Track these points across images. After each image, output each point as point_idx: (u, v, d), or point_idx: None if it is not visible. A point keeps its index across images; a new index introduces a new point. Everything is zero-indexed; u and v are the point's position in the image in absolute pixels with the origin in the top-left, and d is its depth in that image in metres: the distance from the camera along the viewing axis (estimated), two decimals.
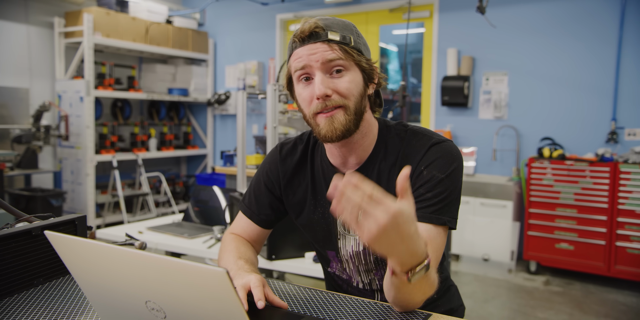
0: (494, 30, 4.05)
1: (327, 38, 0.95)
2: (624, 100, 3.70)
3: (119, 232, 2.29)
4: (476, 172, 4.30)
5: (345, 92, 0.96)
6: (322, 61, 0.94)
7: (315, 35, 0.95)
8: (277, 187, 1.16)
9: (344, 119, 0.97)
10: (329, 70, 0.96)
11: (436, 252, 0.95)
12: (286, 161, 1.15)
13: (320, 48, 0.95)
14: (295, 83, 1.01)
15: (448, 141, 1.04)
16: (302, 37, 0.96)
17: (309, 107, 0.98)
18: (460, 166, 1.01)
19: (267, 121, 2.50)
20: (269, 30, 5.44)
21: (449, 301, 1.18)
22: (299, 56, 0.96)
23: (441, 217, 0.96)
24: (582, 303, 3.16)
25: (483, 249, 3.84)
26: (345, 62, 0.96)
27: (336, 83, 0.96)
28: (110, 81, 4.88)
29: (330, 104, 0.96)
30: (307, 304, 0.96)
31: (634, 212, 3.31)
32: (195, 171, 6.13)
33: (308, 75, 0.97)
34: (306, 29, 0.95)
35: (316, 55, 0.95)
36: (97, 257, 0.70)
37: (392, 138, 1.06)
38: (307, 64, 0.95)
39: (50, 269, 1.06)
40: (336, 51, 0.95)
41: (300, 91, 0.99)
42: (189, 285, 0.62)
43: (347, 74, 0.97)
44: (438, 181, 0.98)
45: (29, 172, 4.41)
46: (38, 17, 4.72)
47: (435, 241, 0.95)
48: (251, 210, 1.18)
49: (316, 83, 0.95)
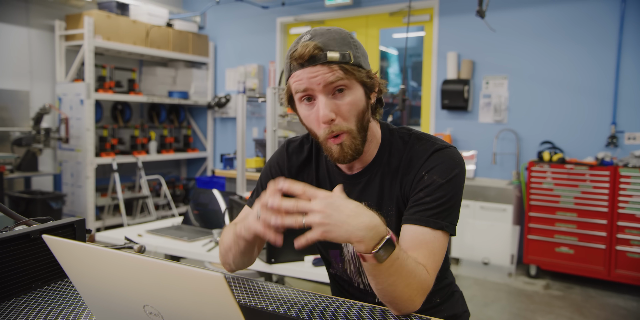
0: (493, 34, 4.06)
1: (326, 60, 0.93)
2: (623, 104, 3.70)
3: (119, 235, 2.29)
4: (476, 175, 4.30)
5: (347, 115, 0.97)
6: (323, 84, 0.94)
7: (313, 59, 0.94)
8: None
9: (351, 143, 0.98)
10: (331, 91, 0.96)
11: (433, 256, 0.94)
12: (292, 158, 1.17)
13: (321, 71, 0.94)
14: (297, 103, 1.01)
15: (451, 147, 1.04)
16: (301, 61, 0.95)
17: (319, 130, 0.99)
18: (462, 173, 1.01)
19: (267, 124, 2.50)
20: (270, 34, 5.45)
21: (452, 306, 1.17)
22: (299, 79, 0.96)
23: (439, 221, 0.96)
24: (582, 307, 3.15)
25: (483, 252, 3.84)
26: (346, 82, 0.96)
27: (339, 105, 0.96)
28: (111, 84, 4.89)
29: (336, 129, 0.97)
30: (306, 309, 0.96)
31: (634, 216, 3.31)
32: (195, 174, 6.13)
33: (310, 96, 0.97)
34: (304, 54, 0.93)
35: (317, 78, 0.94)
36: (95, 261, 0.70)
37: (396, 142, 1.07)
38: (308, 87, 0.95)
39: (48, 272, 1.06)
40: (337, 72, 0.94)
41: (306, 113, 1.00)
42: (187, 289, 0.62)
43: (348, 93, 0.97)
44: (438, 186, 0.98)
45: (28, 175, 4.42)
46: (39, 20, 4.73)
47: (431, 245, 0.95)
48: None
49: (320, 108, 0.95)
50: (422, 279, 0.89)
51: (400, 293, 0.88)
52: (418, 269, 0.89)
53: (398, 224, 1.03)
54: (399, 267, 0.84)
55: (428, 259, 0.94)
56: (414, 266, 0.88)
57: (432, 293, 1.13)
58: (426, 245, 0.95)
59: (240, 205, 2.09)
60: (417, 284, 0.88)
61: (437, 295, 1.14)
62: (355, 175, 1.08)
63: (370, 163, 1.07)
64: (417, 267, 0.89)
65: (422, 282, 0.89)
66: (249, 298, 1.02)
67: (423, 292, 0.91)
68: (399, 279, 0.86)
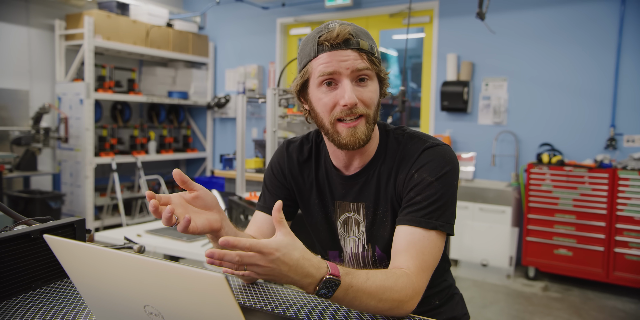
0: (493, 36, 4.07)
1: (358, 46, 0.95)
2: (622, 106, 3.71)
3: (118, 235, 2.29)
4: (475, 177, 4.31)
5: (369, 102, 0.98)
6: (352, 69, 0.95)
7: (347, 42, 0.95)
8: (286, 179, 1.17)
9: (365, 129, 0.99)
10: (355, 78, 0.97)
11: (421, 256, 0.93)
12: (292, 158, 1.17)
13: (352, 56, 0.95)
14: (314, 87, 1.00)
15: (443, 145, 1.04)
16: (335, 43, 0.95)
17: (330, 113, 0.98)
18: (453, 170, 1.01)
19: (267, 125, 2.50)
20: (270, 34, 5.46)
21: (452, 309, 1.17)
22: (327, 61, 0.96)
23: (431, 221, 0.96)
24: (581, 309, 3.15)
25: (482, 254, 3.84)
26: (370, 72, 0.98)
27: (362, 92, 0.97)
28: (110, 84, 4.89)
29: (356, 111, 0.97)
30: (306, 309, 0.96)
31: (633, 219, 3.31)
32: (194, 174, 6.13)
33: (332, 81, 0.97)
34: (341, 34, 0.94)
35: (347, 62, 0.95)
36: (95, 261, 0.70)
37: (391, 142, 1.08)
38: (336, 70, 0.95)
39: (48, 272, 1.06)
40: (365, 61, 0.96)
41: (321, 96, 0.99)
42: (188, 290, 0.62)
43: (370, 84, 0.98)
44: (427, 184, 0.98)
45: (28, 174, 4.41)
46: (39, 19, 4.73)
47: (420, 244, 0.94)
48: (268, 206, 1.16)
49: (347, 91, 0.95)
50: (398, 288, 0.87)
51: (376, 309, 0.87)
52: (388, 282, 0.87)
53: (393, 224, 1.03)
54: (355, 294, 0.83)
55: (415, 259, 0.93)
56: (382, 283, 0.86)
57: (431, 295, 1.13)
58: (414, 246, 0.94)
59: (239, 206, 2.09)
60: (392, 295, 0.87)
61: (436, 297, 1.15)
62: (353, 176, 1.08)
63: (367, 164, 1.07)
64: (386, 281, 0.86)
65: (400, 291, 0.87)
66: (249, 298, 1.02)
67: (409, 298, 0.89)
68: (364, 301, 0.85)
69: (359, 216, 1.09)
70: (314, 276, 0.79)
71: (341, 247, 1.14)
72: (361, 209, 1.08)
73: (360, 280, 0.84)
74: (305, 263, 0.78)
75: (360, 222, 1.09)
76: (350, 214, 1.10)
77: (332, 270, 0.80)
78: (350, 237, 1.11)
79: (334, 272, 0.80)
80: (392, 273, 0.89)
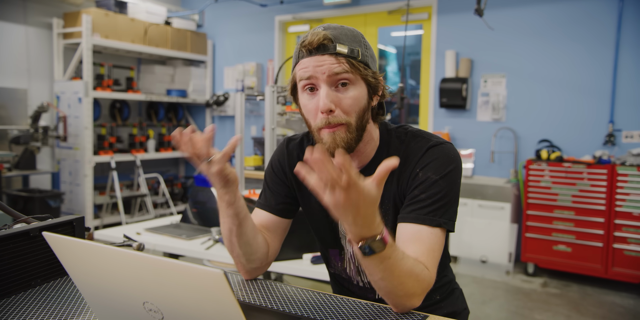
0: (492, 32, 4.06)
1: (335, 51, 0.95)
2: (621, 102, 3.71)
3: (117, 233, 2.29)
4: (474, 174, 4.31)
5: (348, 109, 0.97)
6: (328, 74, 0.95)
7: (323, 48, 0.95)
8: (287, 176, 1.17)
9: (345, 137, 0.98)
10: (334, 83, 0.96)
11: (432, 253, 0.95)
12: (292, 155, 1.17)
13: (328, 60, 0.95)
14: (300, 91, 1.02)
15: (447, 143, 1.04)
16: (310, 49, 0.96)
17: (314, 121, 0.99)
18: (457, 168, 1.01)
19: (266, 123, 2.50)
20: (268, 32, 5.45)
21: (452, 304, 1.18)
22: (305, 66, 0.97)
23: (435, 218, 0.96)
24: (580, 305, 3.16)
25: (481, 250, 3.85)
26: (351, 76, 0.96)
27: (340, 98, 0.97)
28: (109, 82, 4.88)
29: (334, 120, 0.96)
30: (305, 306, 0.97)
31: (631, 214, 3.32)
32: (193, 172, 6.13)
33: (313, 86, 0.98)
34: (314, 41, 0.95)
35: (322, 67, 0.95)
36: (95, 258, 0.70)
37: (394, 141, 1.08)
38: (312, 75, 0.96)
39: (48, 270, 1.06)
40: (343, 64, 0.95)
41: (306, 102, 1.00)
42: (186, 286, 0.62)
43: (352, 89, 0.97)
44: (432, 182, 0.98)
45: (26, 173, 4.41)
46: (36, 18, 4.72)
47: (429, 242, 0.95)
48: (268, 204, 1.17)
49: (321, 97, 0.95)
50: (420, 278, 0.89)
51: (393, 289, 0.88)
52: (416, 269, 0.88)
53: (395, 222, 1.04)
54: (390, 266, 0.83)
55: (427, 257, 0.94)
56: (411, 267, 0.87)
57: (432, 290, 1.13)
58: (423, 243, 0.95)
59: None
60: (413, 283, 0.88)
61: (437, 292, 1.15)
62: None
63: (368, 163, 1.07)
64: (415, 267, 0.88)
65: (420, 282, 0.89)
66: (248, 295, 1.03)
67: (422, 291, 0.91)
68: (390, 276, 0.85)
69: None
70: (371, 230, 0.79)
71: (342, 245, 1.14)
72: None
73: (399, 256, 0.85)
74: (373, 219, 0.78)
75: None
76: None
77: (385, 235, 0.81)
78: None
79: (385, 237, 0.80)
80: (419, 263, 0.91)
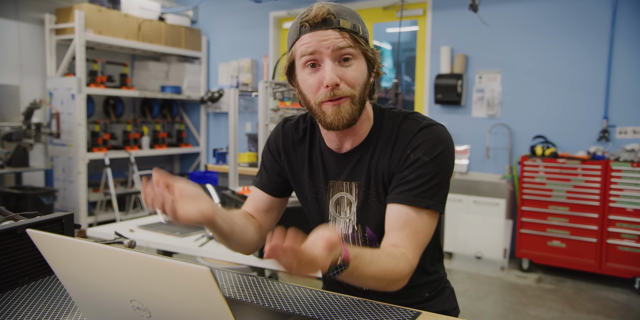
0: (486, 28, 4.06)
1: (339, 25, 0.94)
2: (615, 98, 3.71)
3: (110, 230, 2.27)
4: (469, 170, 4.31)
5: (352, 82, 0.97)
6: (332, 48, 0.94)
7: (327, 22, 0.94)
8: (280, 156, 1.18)
9: (350, 108, 0.98)
10: (337, 58, 0.96)
11: (416, 235, 0.96)
12: (287, 135, 1.17)
13: (332, 35, 0.94)
14: (299, 69, 1.00)
15: (438, 125, 1.04)
16: (314, 23, 0.94)
17: (315, 95, 0.98)
18: (447, 149, 1.01)
19: (259, 119, 2.49)
20: (263, 28, 5.42)
21: (442, 303, 1.17)
22: (307, 41, 0.95)
23: (424, 200, 0.96)
24: (574, 300, 3.18)
25: (476, 246, 3.86)
26: (355, 51, 0.96)
27: (345, 72, 0.96)
28: (102, 78, 4.85)
29: (339, 93, 0.96)
30: (297, 303, 0.96)
31: (625, 210, 3.33)
32: (188, 169, 6.10)
33: (315, 62, 0.97)
34: (319, 15, 0.94)
35: (327, 42, 0.94)
36: (80, 256, 0.69)
37: (386, 121, 1.07)
38: (316, 49, 0.95)
39: (35, 268, 1.04)
40: (347, 39, 0.95)
41: (306, 77, 0.99)
42: (173, 283, 0.61)
43: (354, 63, 0.97)
44: (423, 164, 0.98)
45: (19, 170, 4.38)
46: (28, 13, 4.67)
47: (414, 224, 0.96)
48: (262, 182, 1.19)
49: (327, 71, 0.95)
50: (397, 270, 0.91)
51: (373, 286, 0.94)
52: (390, 264, 0.90)
53: (380, 201, 1.04)
54: (360, 274, 0.87)
55: (411, 239, 0.95)
56: (384, 265, 0.89)
57: (420, 286, 1.13)
58: (409, 225, 0.96)
59: (232, 200, 2.08)
60: (391, 276, 0.91)
61: (427, 289, 1.14)
62: (347, 154, 1.08)
63: (361, 142, 1.07)
64: (388, 263, 0.90)
65: (401, 271, 0.91)
66: (238, 292, 1.02)
67: (403, 277, 0.93)
68: (364, 280, 0.90)
69: (351, 196, 1.09)
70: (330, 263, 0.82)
71: None
72: (354, 188, 1.08)
73: (365, 262, 0.86)
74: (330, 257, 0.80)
75: (352, 202, 1.09)
76: (343, 193, 1.10)
77: (345, 256, 0.82)
78: (341, 218, 1.11)
79: (346, 257, 0.82)
80: (394, 255, 0.92)
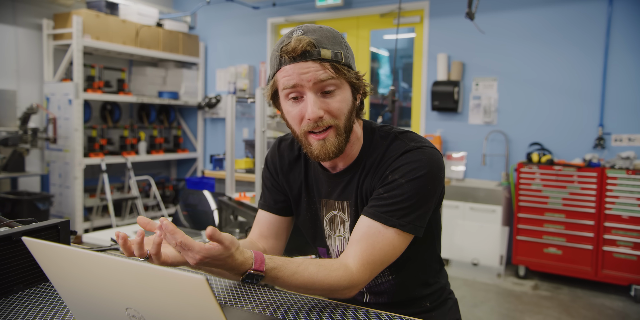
0: (483, 36, 4.09)
1: (319, 57, 0.92)
2: (610, 106, 3.74)
3: (106, 236, 2.26)
4: (466, 176, 4.32)
5: (336, 113, 0.96)
6: (314, 81, 0.92)
7: (307, 54, 0.92)
8: (279, 176, 1.18)
9: (335, 141, 0.97)
10: (319, 90, 0.95)
11: (371, 250, 0.95)
12: (283, 156, 1.17)
13: (312, 67, 0.92)
14: (282, 99, 0.99)
15: (425, 148, 1.00)
16: (293, 55, 0.92)
17: (299, 126, 0.98)
18: (429, 174, 0.97)
19: (256, 125, 2.49)
20: (260, 34, 5.44)
21: (443, 315, 1.15)
22: (288, 74, 0.93)
23: (391, 218, 0.96)
24: (570, 307, 3.17)
25: (472, 253, 3.85)
26: (337, 81, 0.95)
27: (328, 103, 0.95)
28: (100, 84, 4.85)
29: (323, 124, 0.95)
30: (293, 310, 0.96)
31: (621, 217, 3.34)
32: (185, 175, 6.09)
33: (297, 94, 0.95)
34: (297, 48, 0.91)
35: (308, 75, 0.92)
36: (76, 263, 0.68)
37: (376, 140, 1.07)
38: (297, 83, 0.93)
39: (30, 275, 1.04)
40: (328, 71, 0.93)
41: (289, 109, 0.98)
42: (169, 292, 0.61)
43: (338, 93, 0.96)
44: (398, 185, 0.97)
45: (15, 175, 4.36)
46: (26, 18, 4.68)
47: (374, 239, 0.96)
48: (267, 203, 1.18)
49: (309, 105, 0.94)
50: (331, 280, 0.91)
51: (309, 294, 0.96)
52: (319, 276, 0.91)
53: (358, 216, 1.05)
54: (283, 283, 0.89)
55: (363, 252, 0.95)
56: (309, 277, 0.90)
57: (422, 296, 1.13)
58: (368, 238, 0.96)
59: (229, 206, 2.07)
60: (322, 286, 0.91)
61: (428, 299, 1.14)
62: (338, 175, 1.09)
63: (352, 163, 1.07)
64: (316, 275, 0.90)
65: (332, 283, 0.91)
66: (236, 300, 1.01)
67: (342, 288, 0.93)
68: (293, 288, 0.92)
69: (344, 214, 1.09)
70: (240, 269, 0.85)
71: (327, 244, 1.14)
72: (345, 207, 1.08)
73: (286, 274, 0.88)
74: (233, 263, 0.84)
75: (345, 221, 1.09)
76: (335, 212, 1.10)
77: (256, 266, 0.85)
78: (336, 236, 1.12)
79: (257, 268, 0.85)
80: (327, 266, 0.92)
